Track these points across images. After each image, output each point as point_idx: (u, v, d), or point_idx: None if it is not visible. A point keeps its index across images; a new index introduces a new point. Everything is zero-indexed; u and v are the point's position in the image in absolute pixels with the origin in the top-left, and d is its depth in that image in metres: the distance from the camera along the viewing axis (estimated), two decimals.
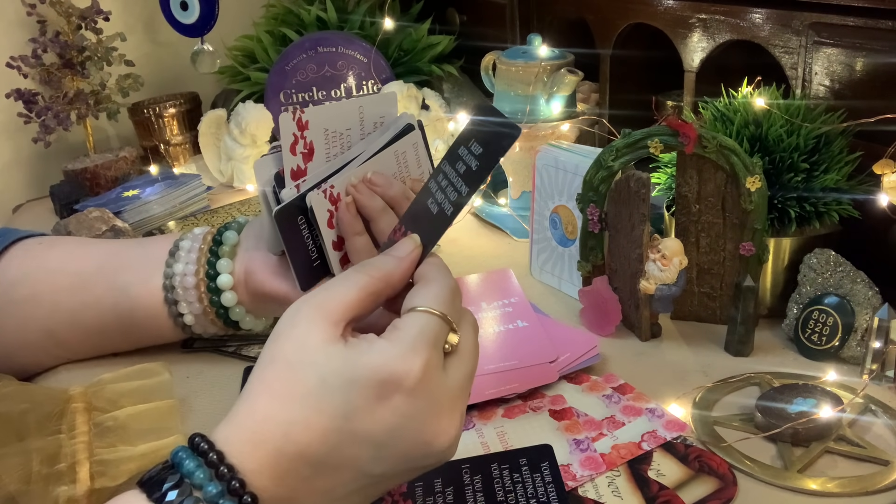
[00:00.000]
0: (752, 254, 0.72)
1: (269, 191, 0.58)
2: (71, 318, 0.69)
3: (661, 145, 0.72)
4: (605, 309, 0.76)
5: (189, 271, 0.68)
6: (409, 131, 0.60)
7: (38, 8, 1.19)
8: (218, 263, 0.68)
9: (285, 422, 0.40)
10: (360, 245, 0.56)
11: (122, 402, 0.62)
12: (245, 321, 0.70)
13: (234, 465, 0.40)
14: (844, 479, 0.56)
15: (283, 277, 0.64)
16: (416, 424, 0.41)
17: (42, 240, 0.73)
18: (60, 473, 0.55)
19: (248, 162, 1.18)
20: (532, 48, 1.00)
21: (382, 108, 0.61)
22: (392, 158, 0.59)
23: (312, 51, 1.23)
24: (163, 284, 0.68)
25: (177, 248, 0.69)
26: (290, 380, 0.41)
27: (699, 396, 0.66)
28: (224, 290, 0.68)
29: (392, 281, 0.45)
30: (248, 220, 0.70)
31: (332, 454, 0.40)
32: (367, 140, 0.60)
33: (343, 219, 0.56)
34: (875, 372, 0.66)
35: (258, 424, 0.40)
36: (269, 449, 0.40)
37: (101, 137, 1.32)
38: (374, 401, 0.40)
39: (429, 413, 0.41)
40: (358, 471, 0.41)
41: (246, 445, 0.40)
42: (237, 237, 0.69)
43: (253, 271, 0.66)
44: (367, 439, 0.40)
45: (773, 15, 0.84)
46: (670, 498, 0.55)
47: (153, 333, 0.71)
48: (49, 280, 0.69)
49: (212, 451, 0.40)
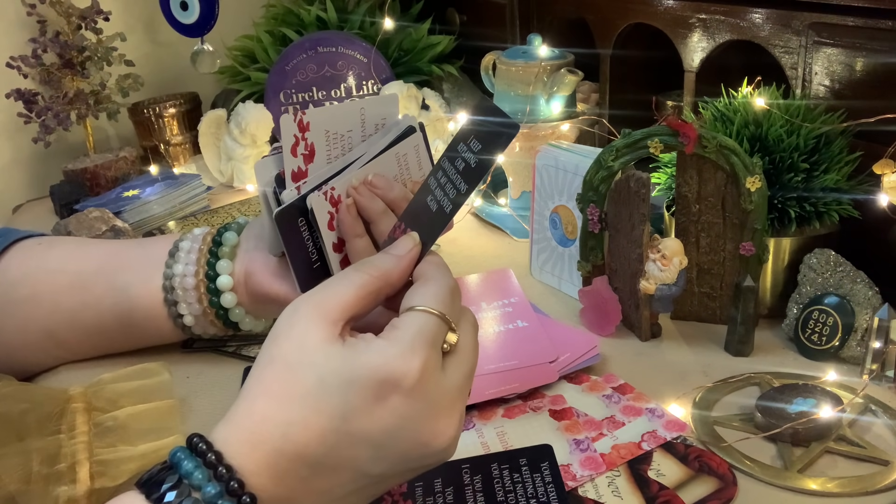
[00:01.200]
0: (752, 254, 0.72)
1: (270, 192, 0.58)
2: (71, 318, 0.69)
3: (661, 145, 0.72)
4: (605, 309, 0.76)
5: (189, 272, 0.68)
6: (411, 133, 0.60)
7: (38, 8, 1.19)
8: (218, 264, 0.68)
9: (284, 422, 0.40)
10: (360, 247, 0.56)
11: (122, 402, 0.62)
12: (245, 322, 0.70)
13: (232, 465, 0.40)
14: (844, 479, 0.56)
15: (284, 279, 0.64)
16: (414, 425, 0.41)
17: (42, 240, 0.73)
18: (60, 473, 0.55)
19: (248, 162, 1.18)
20: (532, 48, 1.00)
21: (384, 110, 0.61)
22: (393, 160, 0.59)
23: (312, 51, 1.23)
24: (162, 285, 0.68)
25: (177, 249, 0.69)
26: (288, 380, 0.41)
27: (699, 396, 0.66)
28: (224, 291, 0.68)
29: (391, 279, 0.45)
30: (248, 221, 0.70)
31: (331, 454, 0.40)
32: (369, 142, 0.60)
33: (343, 220, 0.56)
34: (875, 372, 0.66)
35: (256, 425, 0.40)
36: (267, 449, 0.40)
37: (101, 137, 1.32)
38: (373, 401, 0.40)
39: (427, 413, 0.41)
40: (356, 471, 0.41)
41: (244, 446, 0.40)
42: (237, 238, 0.69)
43: (253, 272, 0.66)
44: (366, 439, 0.40)
45: (773, 15, 0.84)
46: (670, 498, 0.55)
47: (153, 334, 0.71)
48: (49, 280, 0.69)
49: (210, 452, 0.40)
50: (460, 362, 0.43)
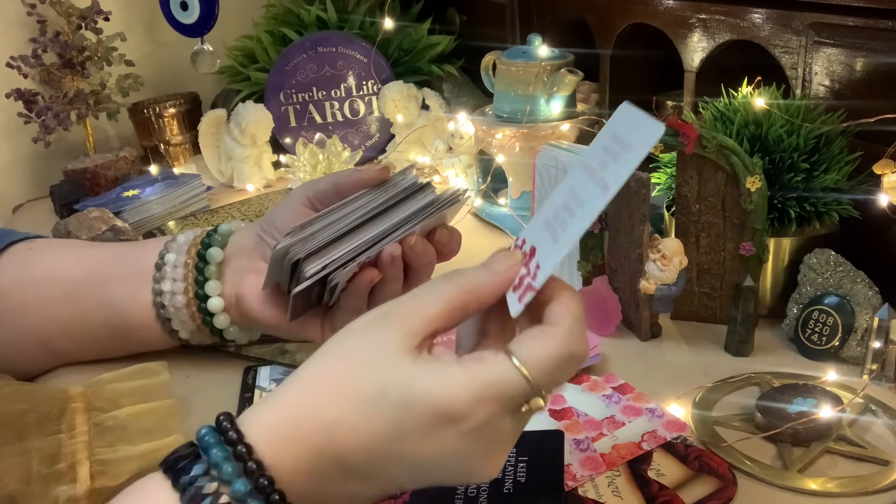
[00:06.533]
0: (752, 254, 0.72)
1: (287, 267, 0.59)
2: (63, 329, 0.68)
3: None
4: (605, 309, 0.76)
5: (178, 290, 0.66)
6: (455, 202, 0.61)
7: (38, 8, 1.19)
8: (206, 285, 0.66)
9: (332, 421, 0.39)
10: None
11: (122, 402, 0.62)
12: (240, 337, 0.69)
13: (263, 460, 0.38)
14: (844, 479, 0.56)
15: (274, 306, 0.64)
16: (462, 460, 0.40)
17: (33, 244, 0.72)
18: (60, 473, 0.55)
19: (247, 162, 1.18)
20: (532, 48, 1.00)
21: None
22: (433, 220, 0.60)
23: (312, 51, 1.23)
24: (153, 301, 0.67)
25: (163, 262, 0.67)
26: (350, 378, 0.39)
27: (699, 396, 0.66)
28: (216, 312, 0.67)
29: (481, 296, 0.42)
30: (230, 230, 0.69)
31: (371, 466, 0.39)
32: (374, 200, 0.61)
33: (359, 286, 0.59)
34: (875, 372, 0.66)
35: (304, 417, 0.39)
36: (308, 444, 0.39)
37: (101, 137, 1.32)
38: (427, 429, 0.38)
39: (478, 454, 0.40)
40: (391, 483, 0.41)
41: (284, 439, 0.39)
42: (222, 254, 0.67)
43: (243, 296, 0.65)
44: (410, 462, 0.39)
45: (773, 15, 0.84)
46: (670, 498, 0.55)
47: (150, 342, 0.70)
48: (37, 290, 0.68)
49: (240, 444, 0.39)
50: (530, 414, 0.41)
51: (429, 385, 0.38)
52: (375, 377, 0.39)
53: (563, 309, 0.41)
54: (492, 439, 0.40)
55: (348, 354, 0.40)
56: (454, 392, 0.38)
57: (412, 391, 0.38)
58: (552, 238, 0.42)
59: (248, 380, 0.70)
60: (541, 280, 0.41)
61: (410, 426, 0.38)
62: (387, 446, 0.39)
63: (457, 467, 0.40)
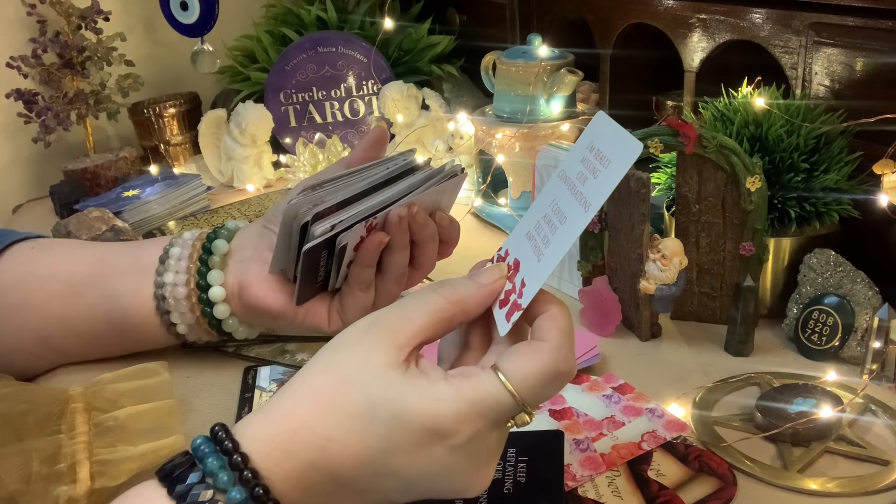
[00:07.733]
0: (752, 254, 0.72)
1: (297, 228, 0.59)
2: (64, 325, 0.68)
3: (661, 145, 0.72)
4: (605, 309, 0.76)
5: (180, 281, 0.66)
6: (454, 176, 0.62)
7: (38, 8, 1.19)
8: (209, 275, 0.66)
9: (324, 436, 0.39)
10: (366, 276, 0.62)
11: (122, 402, 0.62)
12: (239, 332, 0.69)
13: (259, 470, 0.39)
14: (844, 479, 0.56)
15: (280, 292, 0.64)
16: (451, 475, 0.40)
17: (35, 243, 0.72)
18: (60, 473, 0.55)
19: (248, 162, 1.18)
20: (532, 48, 1.00)
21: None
22: (433, 196, 0.61)
23: (312, 51, 1.23)
24: (154, 293, 0.67)
25: (167, 256, 0.68)
26: (340, 394, 0.40)
27: (699, 396, 0.66)
28: (216, 302, 0.66)
29: (467, 307, 0.43)
30: (237, 226, 0.69)
31: (362, 479, 0.40)
32: (378, 173, 0.63)
33: (368, 250, 0.60)
34: (875, 372, 0.66)
35: (296, 431, 0.40)
36: (301, 459, 0.39)
37: (101, 137, 1.32)
38: (416, 445, 0.39)
39: (467, 467, 0.40)
40: (381, 497, 0.41)
41: (277, 451, 0.40)
42: (227, 246, 0.67)
43: (248, 285, 0.65)
44: (400, 476, 0.40)
45: (773, 15, 0.84)
46: (670, 498, 0.55)
47: (148, 340, 0.70)
48: (41, 286, 0.68)
49: (236, 453, 0.39)
50: (514, 426, 0.41)
51: (417, 401, 0.39)
52: (365, 394, 0.40)
53: (552, 324, 0.42)
54: (479, 453, 0.41)
55: (339, 367, 0.41)
56: (442, 409, 0.39)
57: (401, 407, 0.39)
58: (535, 254, 0.43)
59: (248, 380, 0.70)
60: (527, 298, 0.42)
61: (400, 442, 0.39)
62: (378, 461, 0.39)
63: (446, 481, 0.41)
